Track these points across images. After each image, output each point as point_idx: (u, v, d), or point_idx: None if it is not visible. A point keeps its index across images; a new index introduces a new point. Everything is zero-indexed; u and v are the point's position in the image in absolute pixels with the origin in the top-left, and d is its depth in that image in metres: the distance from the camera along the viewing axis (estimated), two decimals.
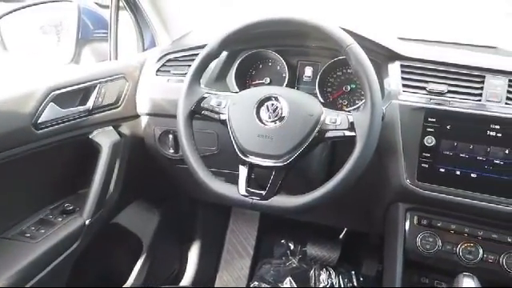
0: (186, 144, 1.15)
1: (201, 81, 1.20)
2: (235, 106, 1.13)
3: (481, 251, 1.17)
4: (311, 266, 2.07)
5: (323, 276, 2.05)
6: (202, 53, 1.17)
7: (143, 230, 1.82)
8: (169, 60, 1.46)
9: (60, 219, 1.29)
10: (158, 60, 1.48)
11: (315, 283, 2.04)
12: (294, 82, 1.42)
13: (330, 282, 2.03)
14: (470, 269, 1.17)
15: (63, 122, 1.23)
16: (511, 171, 1.09)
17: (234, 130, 1.10)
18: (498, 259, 1.16)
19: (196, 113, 1.16)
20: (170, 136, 1.46)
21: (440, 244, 1.21)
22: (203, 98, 1.16)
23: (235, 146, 1.10)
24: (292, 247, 2.15)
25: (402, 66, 1.21)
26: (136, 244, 1.80)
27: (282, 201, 1.05)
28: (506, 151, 1.10)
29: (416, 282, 1.36)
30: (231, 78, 1.42)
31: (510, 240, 1.16)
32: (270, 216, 2.08)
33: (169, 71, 1.44)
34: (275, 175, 1.06)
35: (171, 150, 1.48)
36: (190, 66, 1.20)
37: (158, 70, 1.46)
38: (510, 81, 1.14)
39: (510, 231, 1.16)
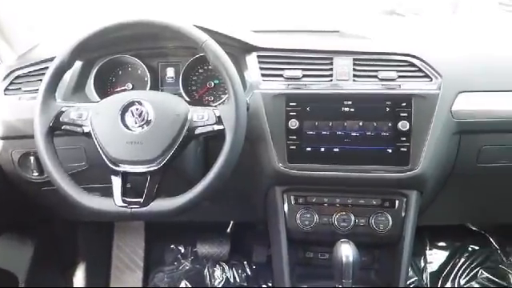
0: (50, 164, 1.07)
1: (56, 94, 1.14)
2: (98, 115, 1.08)
3: (353, 217, 1.28)
4: (204, 265, 2.09)
5: (217, 272, 2.07)
6: (53, 65, 1.10)
7: (17, 264, 1.66)
8: (17, 77, 1.35)
9: None
10: (5, 78, 1.35)
11: (211, 281, 2.05)
12: (158, 84, 1.40)
13: (224, 277, 2.06)
14: (346, 235, 1.27)
15: None
16: (366, 141, 1.21)
17: (100, 140, 1.06)
18: (368, 221, 1.28)
19: (56, 129, 1.10)
20: (31, 158, 1.35)
21: (317, 218, 1.29)
22: (61, 112, 1.10)
23: (104, 157, 1.06)
24: (183, 250, 2.14)
25: (258, 56, 1.27)
26: (10, 281, 1.64)
27: (162, 204, 1.04)
28: (360, 123, 1.21)
29: (302, 258, 1.44)
30: (90, 87, 1.35)
31: (374, 202, 1.28)
32: (156, 223, 2.04)
33: (19, 89, 1.33)
34: (151, 180, 1.04)
35: (35, 173, 1.37)
36: (41, 80, 1.12)
37: (7, 89, 1.34)
38: (354, 59, 1.25)
39: (373, 195, 1.28)
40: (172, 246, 2.13)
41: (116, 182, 1.05)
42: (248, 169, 1.24)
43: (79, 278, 1.90)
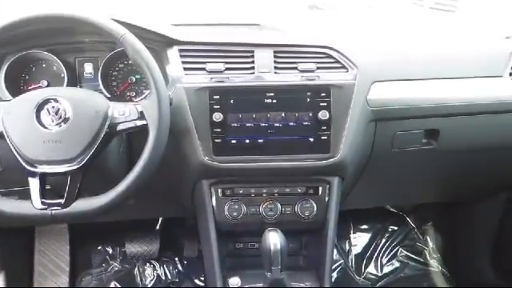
0: None
1: None
2: (10, 115, 1.03)
3: (279, 206, 1.32)
4: (134, 264, 2.05)
5: (148, 270, 2.05)
6: None
7: None
8: None
9: None
10: None
11: (141, 280, 2.02)
12: (75, 80, 1.34)
13: (155, 275, 2.04)
14: (274, 224, 1.30)
15: None
16: (289, 131, 1.24)
17: (13, 141, 1.01)
18: (294, 209, 1.32)
19: None
20: None
21: (245, 209, 1.31)
22: None
23: (19, 159, 1.01)
24: (111, 251, 2.08)
25: (179, 50, 1.25)
26: None
27: (84, 204, 1.01)
28: (283, 114, 1.24)
29: (232, 250, 1.46)
30: (0, 85, 1.27)
31: (299, 190, 1.32)
32: (80, 225, 1.97)
33: None
34: (72, 180, 1.01)
35: None
36: None
37: None
38: (274, 52, 1.27)
39: (298, 183, 1.32)
40: (99, 248, 2.08)
41: (34, 184, 1.01)
42: (174, 164, 1.24)
43: None
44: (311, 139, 1.24)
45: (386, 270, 2.17)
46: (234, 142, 1.23)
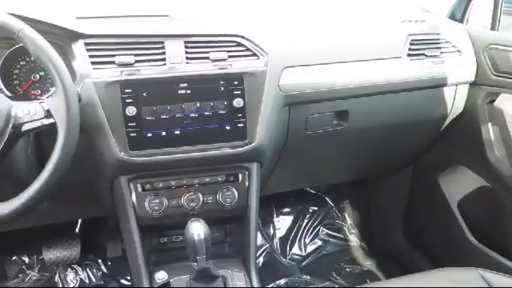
0: None
1: None
2: None
3: (201, 196, 1.32)
4: (55, 271, 1.96)
5: (70, 276, 1.97)
6: None
7: None
8: None
9: None
10: None
11: (64, 286, 1.94)
12: None
13: (78, 280, 1.97)
14: (196, 214, 1.30)
15: None
16: (205, 121, 1.25)
17: None
18: (215, 198, 1.33)
19: None
20: None
21: (166, 202, 1.30)
22: None
23: None
24: (27, 260, 1.97)
25: (85, 44, 1.21)
26: None
27: None
28: (198, 104, 1.24)
29: (156, 245, 1.44)
30: None
31: (220, 179, 1.33)
32: None
33: None
34: None
35: None
36: None
37: None
38: (185, 42, 1.27)
39: (218, 172, 1.33)
40: (14, 258, 1.95)
41: None
42: (89, 162, 1.20)
43: None
44: (227, 127, 1.26)
45: (310, 249, 2.26)
46: (149, 135, 1.21)
